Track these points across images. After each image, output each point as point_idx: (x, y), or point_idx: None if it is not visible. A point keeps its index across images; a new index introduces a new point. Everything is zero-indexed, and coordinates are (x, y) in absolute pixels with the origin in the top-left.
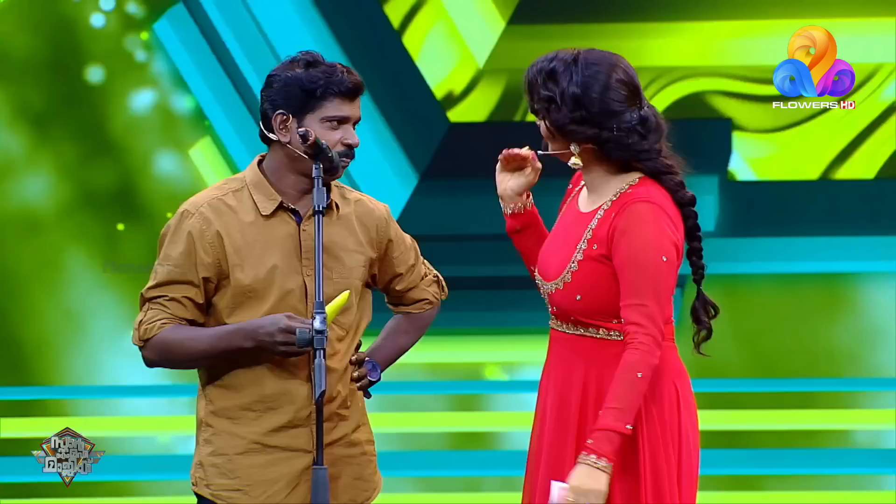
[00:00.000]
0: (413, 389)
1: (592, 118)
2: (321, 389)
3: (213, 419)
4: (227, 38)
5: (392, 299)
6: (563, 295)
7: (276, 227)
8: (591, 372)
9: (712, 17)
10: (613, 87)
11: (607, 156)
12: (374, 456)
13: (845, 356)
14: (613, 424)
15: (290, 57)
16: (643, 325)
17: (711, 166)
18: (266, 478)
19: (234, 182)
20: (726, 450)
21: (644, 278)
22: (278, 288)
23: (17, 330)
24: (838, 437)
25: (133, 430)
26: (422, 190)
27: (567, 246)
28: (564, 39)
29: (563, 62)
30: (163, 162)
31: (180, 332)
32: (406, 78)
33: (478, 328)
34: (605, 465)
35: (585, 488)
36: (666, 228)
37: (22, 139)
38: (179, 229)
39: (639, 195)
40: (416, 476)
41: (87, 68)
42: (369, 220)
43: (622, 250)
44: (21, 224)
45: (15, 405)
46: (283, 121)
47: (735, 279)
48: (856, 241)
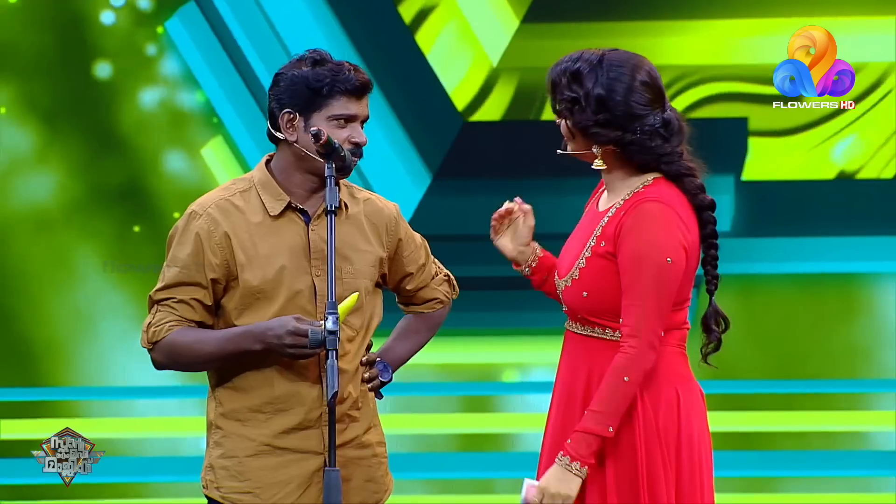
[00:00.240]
0: (425, 391)
1: (616, 121)
2: (334, 391)
3: (223, 421)
4: (239, 36)
5: (403, 299)
6: (571, 292)
7: (284, 228)
8: (595, 373)
9: (727, 15)
10: (638, 89)
11: (629, 158)
12: (386, 458)
13: (862, 357)
14: (593, 427)
15: (298, 55)
16: (637, 327)
17: (727, 166)
18: (276, 480)
19: (241, 182)
20: (741, 451)
21: (644, 279)
22: (287, 289)
23: (25, 330)
24: (855, 438)
25: (143, 431)
26: (435, 189)
27: (579, 244)
28: (579, 38)
29: (588, 63)
30: (173, 161)
31: (188, 334)
32: (419, 77)
33: (492, 329)
34: (578, 470)
35: (553, 491)
36: (674, 229)
37: (31, 136)
38: (187, 230)
39: (650, 195)
40: (427, 478)
41: (97, 65)
42: (379, 219)
43: (625, 248)
44: (30, 222)
45: (22, 406)
46: (289, 119)
47: (750, 279)
48: (873, 241)
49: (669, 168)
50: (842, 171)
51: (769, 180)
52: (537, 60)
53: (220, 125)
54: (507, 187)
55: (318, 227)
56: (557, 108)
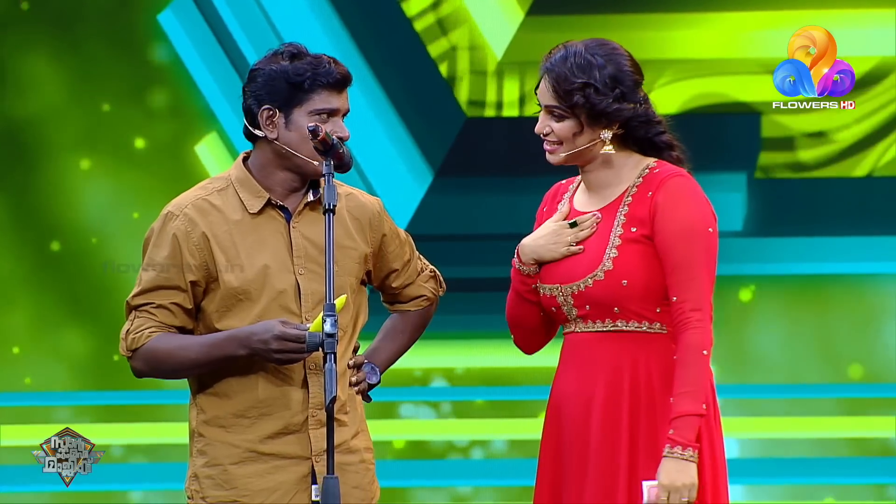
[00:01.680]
0: (431, 395)
1: (628, 94)
2: (332, 395)
3: (206, 428)
4: (234, 29)
5: (388, 297)
6: (605, 285)
7: (264, 226)
8: (640, 368)
9: (738, 7)
10: (629, 63)
11: (633, 135)
12: (373, 464)
13: (882, 361)
14: (692, 408)
15: (273, 50)
16: (699, 300)
17: (739, 163)
18: (263, 487)
19: (218, 181)
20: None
21: (695, 251)
22: (270, 288)
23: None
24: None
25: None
26: (437, 188)
27: (591, 239)
28: (585, 31)
29: (580, 53)
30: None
31: (169, 340)
32: (420, 71)
33: (497, 332)
34: (691, 455)
35: (679, 484)
36: (706, 200)
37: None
38: (163, 232)
39: (670, 171)
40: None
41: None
42: (362, 214)
43: (669, 225)
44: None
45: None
46: (269, 116)
47: (763, 280)
48: (891, 240)
49: (664, 139)
50: (859, 169)
51: (783, 178)
52: (543, 54)
53: (215, 122)
54: (511, 185)
55: (299, 224)
56: (568, 104)
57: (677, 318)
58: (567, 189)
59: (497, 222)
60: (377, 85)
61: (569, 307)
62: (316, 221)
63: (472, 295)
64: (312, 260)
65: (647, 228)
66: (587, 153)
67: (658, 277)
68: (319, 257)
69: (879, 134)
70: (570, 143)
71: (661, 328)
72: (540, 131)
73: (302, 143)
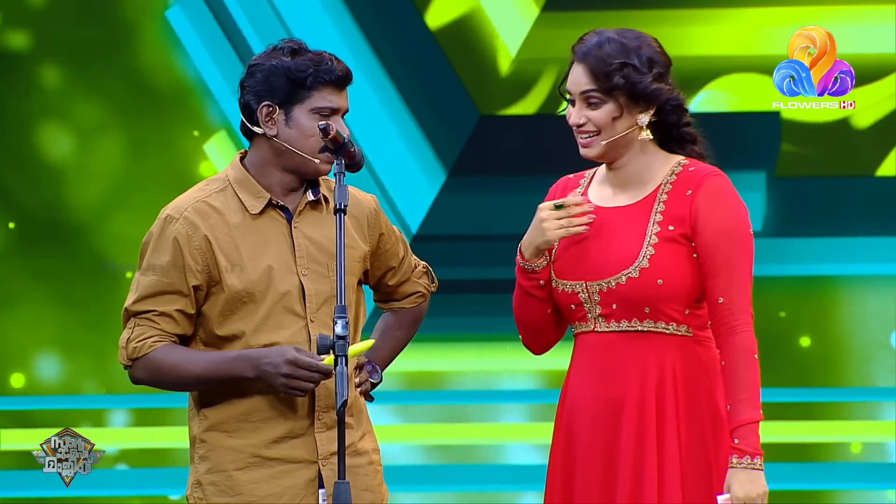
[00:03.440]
0: (441, 399)
1: (664, 74)
2: (343, 399)
3: (208, 434)
4: (244, 26)
5: (382, 296)
6: (639, 283)
7: (266, 227)
8: (667, 371)
9: (756, 3)
10: (658, 47)
11: (664, 121)
12: (381, 466)
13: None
14: (753, 415)
15: (272, 45)
16: (743, 303)
17: (758, 162)
18: (269, 493)
19: (216, 182)
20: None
21: (738, 253)
22: (274, 290)
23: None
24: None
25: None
26: (450, 187)
27: (623, 236)
28: (601, 27)
29: (613, 38)
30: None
31: (174, 352)
32: (433, 68)
33: (510, 334)
34: (759, 463)
35: (753, 495)
36: (742, 202)
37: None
38: (163, 236)
39: (707, 170)
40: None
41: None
42: (359, 212)
43: (711, 226)
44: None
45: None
46: (269, 112)
47: (783, 281)
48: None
49: (688, 131)
50: (882, 168)
51: (803, 177)
52: (558, 51)
53: (223, 120)
54: (525, 184)
55: (300, 224)
56: (610, 83)
57: (724, 320)
58: (577, 184)
59: (511, 222)
60: (389, 82)
61: (592, 305)
62: (317, 221)
63: (486, 296)
64: (315, 260)
65: (686, 228)
66: (624, 142)
67: (692, 278)
68: (322, 257)
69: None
70: (610, 129)
71: (687, 331)
72: (576, 122)
73: (302, 140)
